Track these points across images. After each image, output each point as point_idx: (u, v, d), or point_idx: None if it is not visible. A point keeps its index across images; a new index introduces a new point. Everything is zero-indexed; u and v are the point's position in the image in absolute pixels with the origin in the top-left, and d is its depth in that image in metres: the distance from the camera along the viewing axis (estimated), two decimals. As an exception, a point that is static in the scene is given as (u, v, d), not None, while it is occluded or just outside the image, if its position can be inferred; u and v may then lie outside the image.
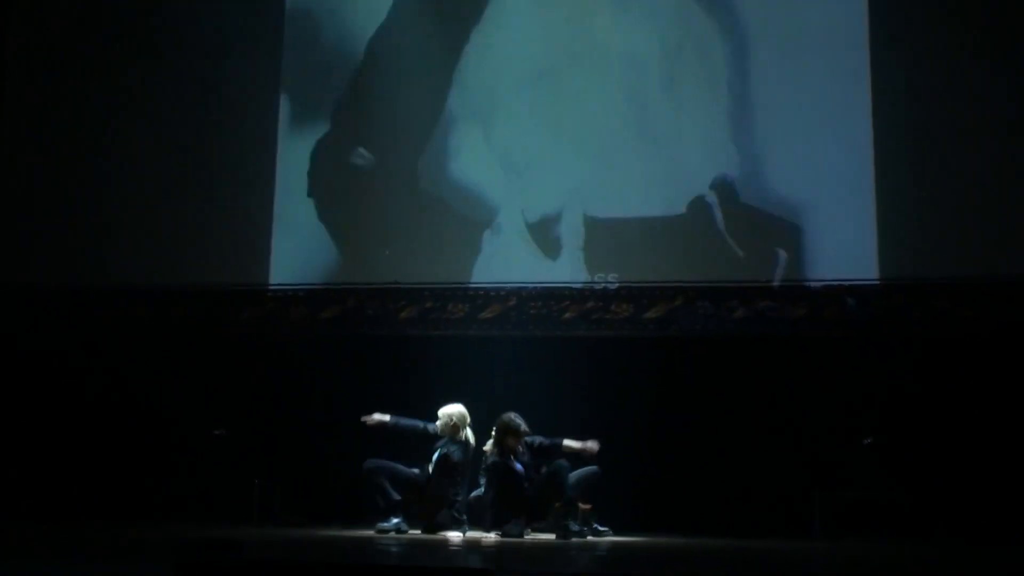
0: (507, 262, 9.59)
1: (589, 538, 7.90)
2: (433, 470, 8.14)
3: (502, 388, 8.87)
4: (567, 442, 8.11)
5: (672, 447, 9.08)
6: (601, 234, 9.52)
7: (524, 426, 8.07)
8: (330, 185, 9.92)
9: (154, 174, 10.06)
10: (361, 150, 9.88)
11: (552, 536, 7.94)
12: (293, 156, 9.99)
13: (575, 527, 7.84)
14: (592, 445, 8.08)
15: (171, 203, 9.99)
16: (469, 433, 8.24)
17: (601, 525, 8.02)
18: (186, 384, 9.56)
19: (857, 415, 8.85)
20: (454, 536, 7.87)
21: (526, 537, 7.97)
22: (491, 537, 7.82)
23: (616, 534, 8.12)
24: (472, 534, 7.99)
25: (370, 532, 7.95)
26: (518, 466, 7.99)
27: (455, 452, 8.12)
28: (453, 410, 8.23)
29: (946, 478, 8.55)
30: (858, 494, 8.47)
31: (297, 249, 9.85)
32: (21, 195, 10.20)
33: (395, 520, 8.02)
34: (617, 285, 9.30)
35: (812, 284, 9.20)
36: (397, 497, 8.07)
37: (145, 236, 9.94)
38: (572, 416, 8.58)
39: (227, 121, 10.07)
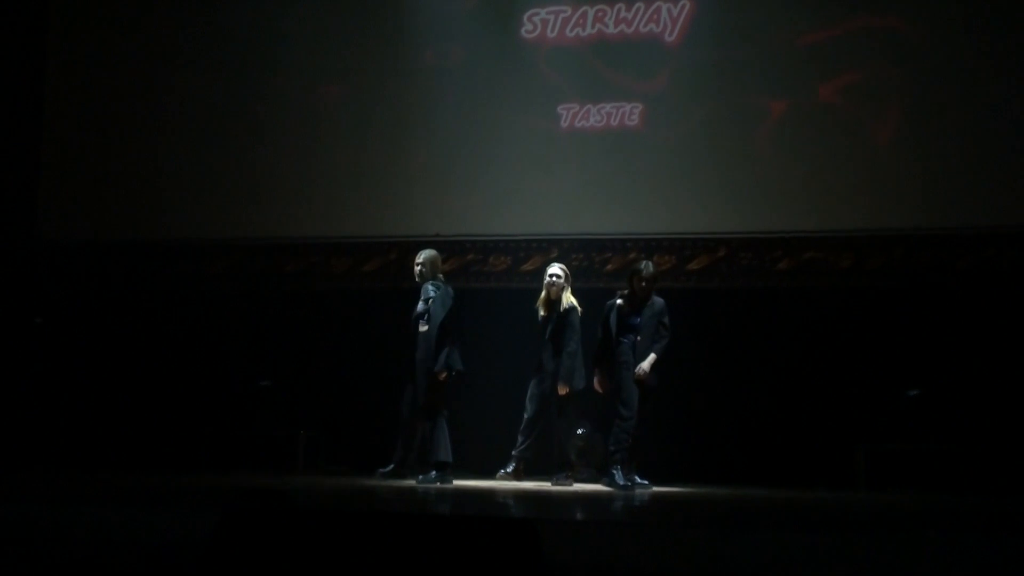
0: (549, 213, 9.57)
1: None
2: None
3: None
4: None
5: (714, 399, 9.10)
6: (643, 185, 9.48)
7: (650, 270, 8.10)
8: (370, 137, 9.92)
9: (199, 129, 10.10)
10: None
11: (596, 487, 7.99)
12: (331, 107, 10.00)
13: (620, 480, 7.87)
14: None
15: (214, 156, 10.05)
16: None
17: (641, 478, 8.05)
18: (233, 337, 9.69)
19: (902, 366, 8.81)
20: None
21: (572, 487, 8.04)
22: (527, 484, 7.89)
23: (657, 486, 8.16)
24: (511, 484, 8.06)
25: (412, 482, 8.03)
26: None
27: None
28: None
29: (992, 430, 8.50)
30: (902, 446, 8.45)
31: (339, 201, 9.88)
32: (68, 152, 10.28)
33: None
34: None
35: (858, 233, 9.12)
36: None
37: (190, 190, 10.01)
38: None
39: (270, 74, 10.09)
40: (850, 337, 9.00)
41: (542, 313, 8.39)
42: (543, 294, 8.41)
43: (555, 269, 8.43)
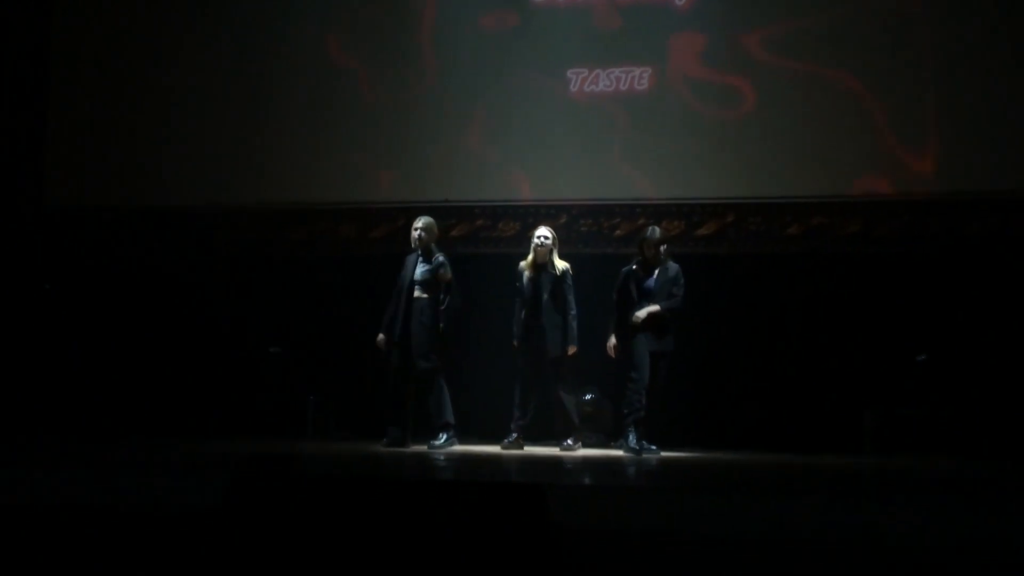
0: (558, 179, 9.55)
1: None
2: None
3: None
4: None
5: (723, 364, 9.11)
6: (652, 151, 9.45)
7: (656, 235, 8.19)
8: (378, 103, 9.89)
9: (205, 93, 10.08)
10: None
11: (605, 452, 8.03)
12: (337, 71, 9.97)
13: (633, 443, 7.90)
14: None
15: (220, 121, 10.02)
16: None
17: (650, 444, 8.07)
18: (241, 304, 9.71)
19: (910, 331, 8.80)
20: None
21: (578, 452, 8.07)
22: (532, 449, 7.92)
23: (665, 451, 8.18)
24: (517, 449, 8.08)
25: (423, 447, 8.07)
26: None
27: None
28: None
29: (1000, 394, 8.50)
30: (910, 411, 8.45)
31: (345, 167, 9.86)
32: (75, 118, 10.26)
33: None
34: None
35: (869, 199, 9.09)
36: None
37: (196, 156, 10.00)
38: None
39: (278, 37, 10.05)
40: (859, 302, 8.99)
41: (528, 275, 8.38)
42: (530, 257, 8.40)
43: (543, 231, 8.43)
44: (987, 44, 9.01)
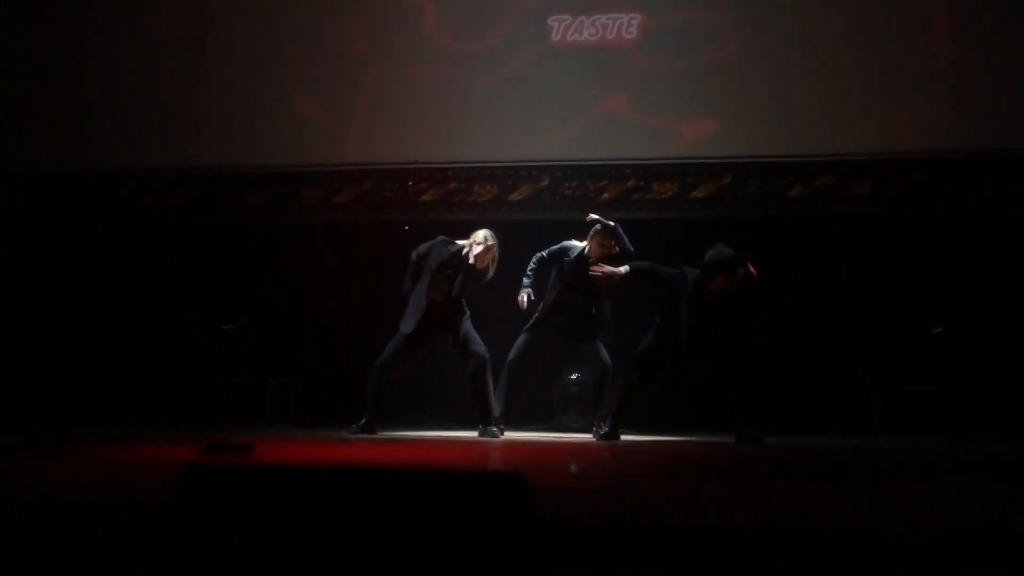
0: (538, 137, 9.54)
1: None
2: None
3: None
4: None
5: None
6: (642, 106, 9.44)
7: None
8: (340, 51, 9.85)
9: (150, 43, 10.00)
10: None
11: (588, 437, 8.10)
12: (295, 20, 9.92)
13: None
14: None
15: (168, 75, 9.96)
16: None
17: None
18: (190, 276, 9.67)
19: (924, 302, 8.84)
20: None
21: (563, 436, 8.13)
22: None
23: (663, 435, 8.24)
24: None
25: (398, 433, 8.11)
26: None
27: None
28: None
29: (1019, 370, 8.56)
30: (923, 388, 8.51)
31: (307, 126, 9.83)
32: (6, 76, 10.17)
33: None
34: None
35: (878, 157, 9.11)
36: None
37: (140, 114, 9.93)
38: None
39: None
40: (868, 270, 9.02)
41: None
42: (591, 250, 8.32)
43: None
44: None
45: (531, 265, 8.33)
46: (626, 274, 7.93)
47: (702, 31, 9.42)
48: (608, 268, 7.94)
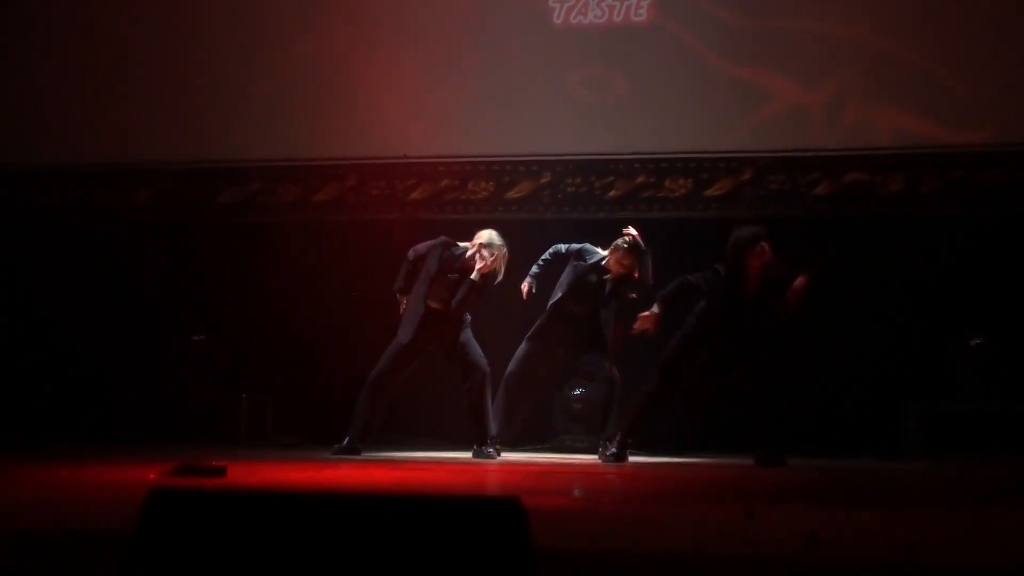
0: (539, 129, 9.54)
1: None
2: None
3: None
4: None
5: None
6: (653, 95, 9.46)
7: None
8: (324, 37, 9.86)
9: (119, 30, 10.03)
10: None
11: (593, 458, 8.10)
12: (275, 4, 9.94)
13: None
14: None
15: (136, 64, 9.98)
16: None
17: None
18: (155, 282, 9.67)
19: (963, 310, 8.84)
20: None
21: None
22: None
23: (679, 456, 8.24)
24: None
25: (385, 454, 8.12)
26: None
27: None
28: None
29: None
30: (961, 405, 8.50)
31: (286, 117, 9.84)
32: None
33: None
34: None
35: (911, 151, 9.11)
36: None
37: (105, 105, 9.95)
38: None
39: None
40: (900, 275, 9.00)
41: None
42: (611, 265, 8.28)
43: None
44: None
45: (545, 255, 8.31)
46: (660, 313, 7.87)
47: (719, 14, 9.40)
48: (644, 323, 7.86)
